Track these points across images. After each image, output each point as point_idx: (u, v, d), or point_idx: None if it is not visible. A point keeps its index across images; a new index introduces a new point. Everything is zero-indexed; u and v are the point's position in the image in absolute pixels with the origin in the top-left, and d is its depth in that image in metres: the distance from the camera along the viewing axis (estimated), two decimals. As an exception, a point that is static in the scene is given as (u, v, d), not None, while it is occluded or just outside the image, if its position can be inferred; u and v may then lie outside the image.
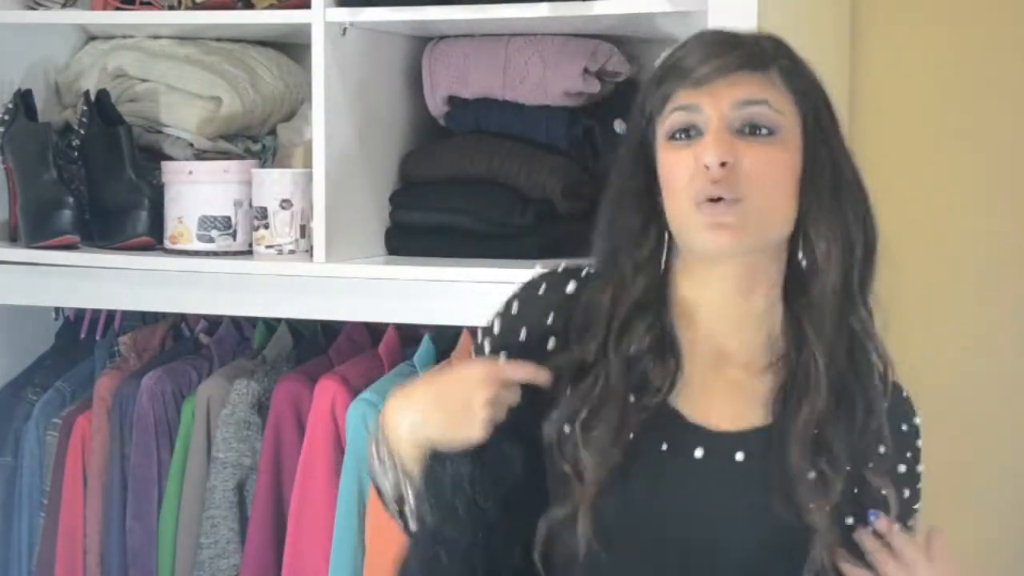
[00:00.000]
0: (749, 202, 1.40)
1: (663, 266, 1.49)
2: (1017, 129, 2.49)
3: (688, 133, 1.43)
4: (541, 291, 1.54)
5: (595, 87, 2.19)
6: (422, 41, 2.31)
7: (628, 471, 1.44)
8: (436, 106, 2.31)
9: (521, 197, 2.20)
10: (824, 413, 1.42)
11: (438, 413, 1.41)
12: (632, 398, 1.46)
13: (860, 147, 1.53)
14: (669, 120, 1.44)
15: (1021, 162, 2.49)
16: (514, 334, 1.53)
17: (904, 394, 1.53)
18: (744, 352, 1.48)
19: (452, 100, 2.30)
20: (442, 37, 2.29)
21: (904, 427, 1.51)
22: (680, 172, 1.43)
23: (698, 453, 1.45)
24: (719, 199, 1.40)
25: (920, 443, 1.53)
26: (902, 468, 1.50)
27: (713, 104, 1.41)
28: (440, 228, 2.25)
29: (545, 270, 1.57)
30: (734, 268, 1.45)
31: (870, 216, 1.48)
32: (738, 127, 1.41)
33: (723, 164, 1.39)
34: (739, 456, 1.44)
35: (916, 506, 1.54)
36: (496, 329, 1.55)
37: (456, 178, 2.25)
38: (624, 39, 2.26)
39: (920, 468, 1.53)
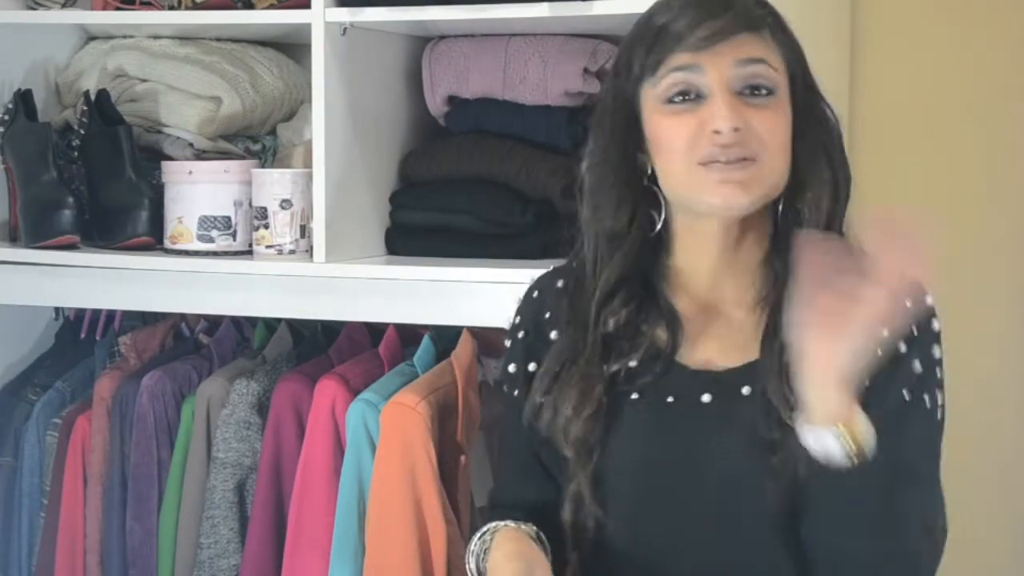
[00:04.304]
0: (762, 162, 1.43)
1: (656, 232, 1.52)
2: (1017, 128, 2.49)
3: (687, 96, 1.44)
4: (535, 295, 1.62)
5: (595, 87, 2.19)
6: (422, 41, 2.31)
7: (638, 431, 1.47)
8: (436, 106, 2.31)
9: (521, 197, 2.20)
10: None
11: None
12: (633, 363, 1.49)
13: (860, 147, 1.55)
14: (665, 82, 1.45)
15: (1020, 161, 2.49)
16: (520, 342, 1.61)
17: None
18: (735, 294, 1.52)
19: (452, 100, 2.30)
20: (442, 37, 2.29)
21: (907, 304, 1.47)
22: (679, 136, 1.44)
23: (705, 398, 1.47)
24: (732, 159, 1.42)
25: (936, 324, 1.50)
26: (903, 347, 1.46)
27: (715, 65, 1.42)
28: (440, 228, 2.25)
29: (538, 274, 1.64)
30: (720, 226, 1.49)
31: (847, 165, 1.51)
32: (739, 88, 1.43)
33: (736, 129, 1.41)
34: (745, 390, 1.46)
35: (938, 397, 1.49)
36: (508, 346, 1.63)
37: (456, 178, 2.25)
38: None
39: (937, 352, 1.49)
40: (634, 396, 1.49)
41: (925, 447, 1.48)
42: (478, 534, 1.53)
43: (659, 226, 1.51)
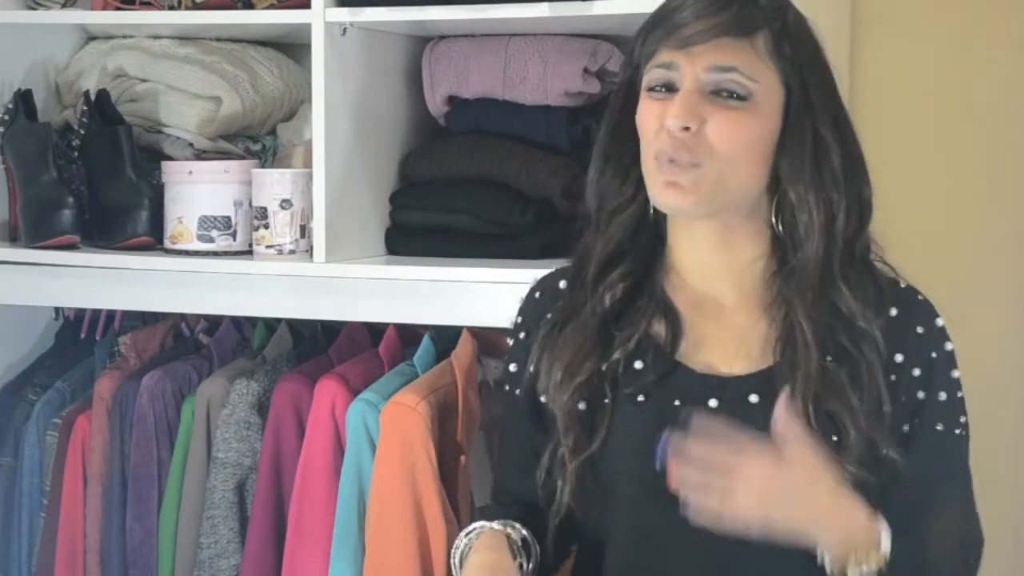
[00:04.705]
0: (708, 167, 1.43)
1: (651, 217, 1.52)
2: (1017, 128, 2.49)
3: (666, 88, 1.46)
4: (537, 295, 1.63)
5: (595, 87, 2.19)
6: (422, 41, 2.31)
7: (644, 433, 1.46)
8: (436, 106, 2.31)
9: (521, 197, 2.20)
10: (819, 367, 1.43)
11: None
12: (639, 364, 1.49)
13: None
14: (650, 75, 1.47)
15: (1020, 161, 2.49)
16: (521, 342, 1.62)
17: (920, 297, 1.52)
18: (740, 299, 1.51)
19: (452, 100, 2.30)
20: (442, 37, 2.29)
21: (920, 330, 1.49)
22: (650, 123, 1.46)
23: (712, 403, 1.47)
24: (676, 159, 1.43)
25: (950, 346, 1.50)
26: (916, 371, 1.48)
27: (689, 65, 1.44)
28: (440, 228, 2.25)
29: (541, 275, 1.65)
30: (705, 225, 1.49)
31: (863, 187, 1.49)
32: (711, 90, 1.44)
33: (686, 128, 1.42)
34: (753, 398, 1.46)
35: (962, 418, 1.50)
36: (510, 345, 1.64)
37: (456, 178, 2.25)
38: (624, 39, 2.26)
39: (955, 374, 1.50)
40: (640, 398, 1.49)
41: (960, 469, 1.52)
42: (466, 530, 1.54)
43: (653, 204, 1.52)
